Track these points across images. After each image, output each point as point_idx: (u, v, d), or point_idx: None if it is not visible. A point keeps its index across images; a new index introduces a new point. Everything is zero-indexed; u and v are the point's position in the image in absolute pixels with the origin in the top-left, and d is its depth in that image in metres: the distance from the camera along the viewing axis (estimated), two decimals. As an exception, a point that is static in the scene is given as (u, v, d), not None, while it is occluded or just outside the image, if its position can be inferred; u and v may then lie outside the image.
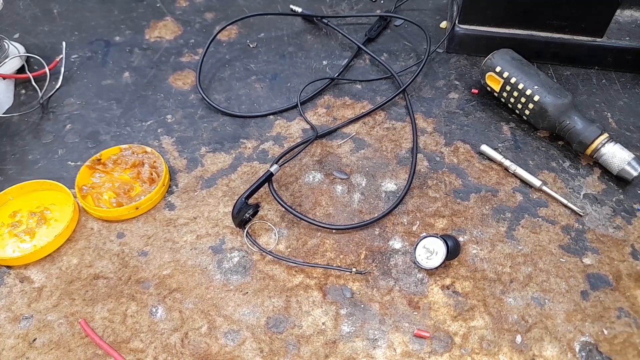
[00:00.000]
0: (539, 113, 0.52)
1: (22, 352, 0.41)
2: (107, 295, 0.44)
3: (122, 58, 0.65)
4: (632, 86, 0.59)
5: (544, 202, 0.49)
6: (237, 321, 0.42)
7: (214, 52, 0.65)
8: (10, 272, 0.46)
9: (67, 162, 0.54)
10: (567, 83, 0.60)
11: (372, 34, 0.66)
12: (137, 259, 0.47)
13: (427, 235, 0.44)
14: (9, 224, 0.49)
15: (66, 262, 0.47)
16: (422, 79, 0.61)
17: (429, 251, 0.43)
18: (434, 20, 0.69)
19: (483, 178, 0.51)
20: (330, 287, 0.44)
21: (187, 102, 0.60)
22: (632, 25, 0.59)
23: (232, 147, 0.55)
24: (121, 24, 0.70)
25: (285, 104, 0.59)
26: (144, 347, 0.41)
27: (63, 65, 0.62)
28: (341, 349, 0.41)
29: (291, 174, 0.52)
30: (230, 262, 0.46)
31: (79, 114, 0.59)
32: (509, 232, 0.47)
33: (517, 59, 0.55)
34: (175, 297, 0.44)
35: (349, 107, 0.58)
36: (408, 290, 0.44)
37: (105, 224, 0.49)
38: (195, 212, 0.50)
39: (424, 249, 0.44)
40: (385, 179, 0.52)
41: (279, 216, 0.49)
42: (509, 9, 0.58)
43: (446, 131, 0.56)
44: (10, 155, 0.55)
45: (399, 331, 0.41)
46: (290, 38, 0.67)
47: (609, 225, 0.47)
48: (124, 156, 0.53)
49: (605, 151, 0.49)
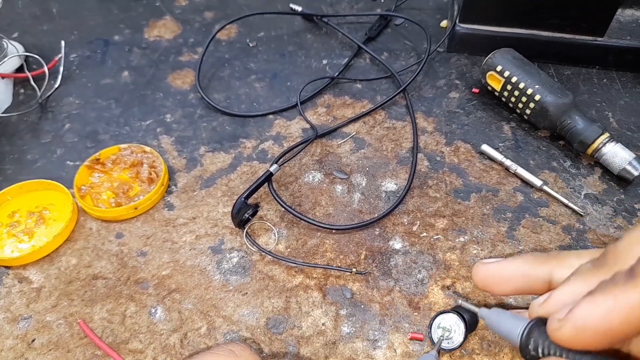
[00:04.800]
0: (540, 112, 0.52)
1: (20, 353, 0.41)
2: (106, 295, 0.44)
3: (121, 57, 0.65)
4: (633, 86, 0.59)
5: (544, 202, 0.49)
6: (236, 322, 0.42)
7: (214, 52, 0.65)
8: (8, 272, 0.46)
9: (66, 161, 0.54)
10: (568, 82, 0.59)
11: (373, 33, 0.65)
12: (136, 259, 0.46)
13: (438, 313, 0.41)
14: (7, 224, 0.49)
15: (65, 263, 0.46)
16: (423, 78, 0.61)
17: (446, 330, 0.40)
18: (435, 19, 0.68)
19: (484, 178, 0.51)
20: (330, 288, 0.44)
21: (187, 102, 0.60)
22: (633, 24, 0.59)
23: (231, 146, 0.55)
24: (120, 23, 0.70)
25: (285, 103, 0.59)
26: (143, 348, 0.41)
27: (62, 65, 0.62)
28: (341, 350, 0.40)
29: (291, 173, 0.52)
30: (230, 263, 0.46)
31: (77, 113, 0.59)
32: (510, 232, 0.47)
33: (518, 58, 0.54)
34: (174, 298, 0.44)
35: (349, 107, 0.58)
36: (408, 290, 0.44)
37: (104, 224, 0.49)
38: (195, 212, 0.49)
39: (440, 329, 0.40)
40: (385, 178, 0.51)
41: (279, 216, 0.49)
42: (509, 8, 0.58)
43: (447, 131, 0.55)
44: (8, 155, 0.55)
45: (399, 332, 0.41)
46: (290, 37, 0.67)
47: (609, 225, 0.47)
48: (122, 156, 0.53)
49: (606, 151, 0.49)
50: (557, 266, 0.31)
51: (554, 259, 0.31)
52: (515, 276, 0.33)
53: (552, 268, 0.31)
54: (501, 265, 0.34)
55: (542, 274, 0.31)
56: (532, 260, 0.32)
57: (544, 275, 0.31)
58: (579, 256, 0.29)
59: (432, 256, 0.45)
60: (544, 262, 0.32)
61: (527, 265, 0.32)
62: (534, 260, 0.32)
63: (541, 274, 0.31)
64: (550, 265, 0.31)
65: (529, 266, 0.32)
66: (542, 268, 0.31)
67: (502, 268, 0.34)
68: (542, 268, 0.31)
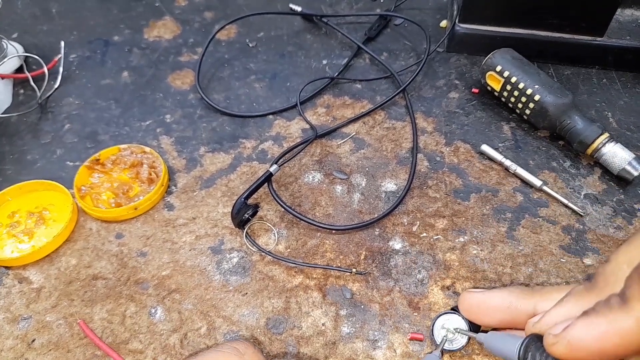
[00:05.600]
0: (540, 112, 0.52)
1: (20, 353, 0.41)
2: (106, 296, 0.44)
3: (121, 57, 0.65)
4: (632, 85, 0.59)
5: (544, 202, 0.49)
6: (236, 322, 0.42)
7: (213, 52, 0.65)
8: (8, 272, 0.46)
9: (66, 162, 0.54)
10: (568, 82, 0.59)
11: (372, 33, 0.66)
12: (136, 259, 0.46)
13: (441, 313, 0.40)
14: (7, 225, 0.49)
15: (65, 263, 0.46)
16: (422, 78, 0.61)
17: (449, 331, 0.39)
18: (434, 19, 0.68)
19: (483, 178, 0.51)
20: (330, 288, 0.44)
21: (186, 102, 0.60)
22: (633, 24, 0.59)
23: (231, 147, 0.55)
24: (120, 23, 0.70)
25: (284, 103, 0.59)
26: (143, 348, 0.41)
27: (62, 65, 0.62)
28: (341, 350, 0.40)
29: (291, 174, 0.52)
30: (230, 263, 0.46)
31: (77, 113, 0.59)
32: (510, 232, 0.47)
33: (517, 58, 0.54)
34: (174, 298, 0.44)
35: (348, 107, 0.58)
36: (408, 290, 0.44)
37: (103, 224, 0.49)
38: (195, 212, 0.49)
39: (443, 329, 0.39)
40: (385, 179, 0.51)
41: (279, 216, 0.49)
42: (509, 8, 0.58)
43: (446, 131, 0.55)
44: (8, 155, 0.55)
45: (399, 332, 0.41)
46: (290, 37, 0.67)
47: (609, 226, 0.47)
48: (122, 156, 0.53)
49: (605, 151, 0.49)
50: (541, 300, 0.31)
51: (538, 293, 0.32)
52: (501, 307, 0.33)
53: (536, 302, 0.32)
54: (486, 295, 0.35)
55: (526, 307, 0.32)
56: (518, 293, 0.33)
57: (528, 309, 0.32)
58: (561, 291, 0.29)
59: (432, 256, 0.45)
60: (528, 295, 0.32)
61: (513, 297, 0.33)
62: (519, 292, 0.33)
63: (525, 307, 0.32)
64: (534, 299, 0.32)
65: (514, 298, 0.33)
66: (527, 301, 0.32)
67: (487, 298, 0.35)
68: (527, 301, 0.32)
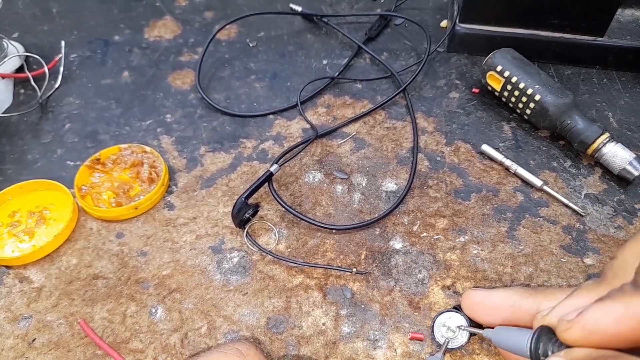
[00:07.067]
0: (540, 112, 0.52)
1: (21, 353, 0.41)
2: (107, 295, 0.44)
3: (122, 57, 0.65)
4: (633, 85, 0.59)
5: (545, 202, 0.49)
6: (236, 322, 0.42)
7: (214, 52, 0.65)
8: (9, 272, 0.46)
9: (66, 161, 0.54)
10: (568, 82, 0.59)
11: (372, 33, 0.66)
12: (136, 259, 0.46)
13: (441, 312, 0.40)
14: (8, 224, 0.49)
15: (65, 262, 0.46)
16: (423, 78, 0.61)
17: (450, 330, 0.39)
18: (435, 19, 0.68)
19: (484, 178, 0.51)
20: (331, 288, 0.44)
21: (187, 102, 0.60)
22: (633, 24, 0.59)
23: (231, 146, 0.55)
24: (120, 23, 0.70)
25: (285, 103, 0.59)
26: (144, 348, 0.41)
27: (62, 65, 0.62)
28: (341, 350, 0.40)
29: (291, 173, 0.52)
30: (230, 263, 0.46)
31: (78, 113, 0.59)
32: (510, 232, 0.47)
33: (518, 58, 0.54)
34: (174, 298, 0.44)
35: (349, 107, 0.58)
36: (408, 290, 0.44)
37: (104, 224, 0.49)
38: (195, 212, 0.50)
39: (444, 327, 0.39)
40: (385, 178, 0.51)
41: (279, 216, 0.49)
42: (509, 8, 0.58)
43: (447, 131, 0.55)
44: (9, 155, 0.55)
45: (399, 332, 0.41)
46: (290, 37, 0.67)
47: (610, 226, 0.47)
48: (123, 156, 0.53)
49: (606, 151, 0.49)
50: (545, 300, 0.31)
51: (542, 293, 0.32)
52: (504, 306, 0.33)
53: (539, 302, 0.31)
54: (490, 294, 0.35)
55: (530, 307, 0.32)
56: (521, 292, 0.33)
57: (532, 308, 0.32)
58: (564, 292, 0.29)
59: (432, 256, 0.45)
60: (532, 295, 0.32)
61: (516, 296, 0.33)
62: (522, 292, 0.33)
63: (529, 306, 0.32)
64: (538, 298, 0.32)
65: (517, 297, 0.33)
66: (530, 301, 0.32)
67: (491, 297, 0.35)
68: (530, 301, 0.32)
